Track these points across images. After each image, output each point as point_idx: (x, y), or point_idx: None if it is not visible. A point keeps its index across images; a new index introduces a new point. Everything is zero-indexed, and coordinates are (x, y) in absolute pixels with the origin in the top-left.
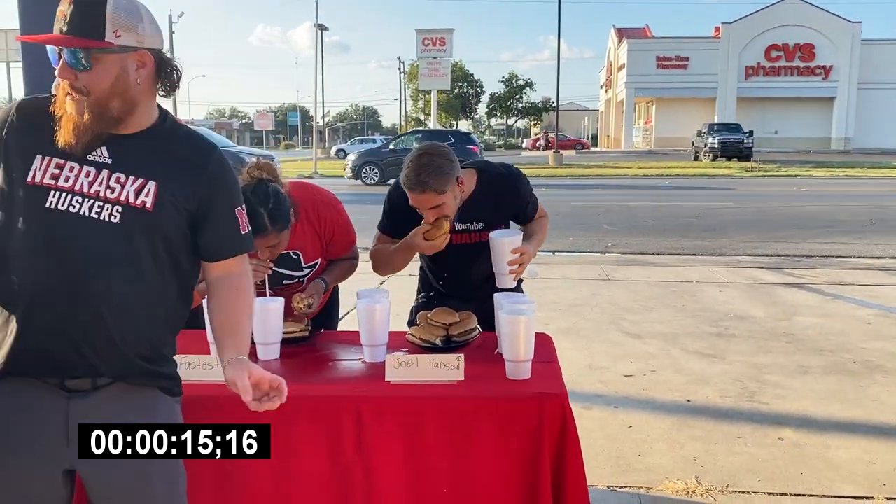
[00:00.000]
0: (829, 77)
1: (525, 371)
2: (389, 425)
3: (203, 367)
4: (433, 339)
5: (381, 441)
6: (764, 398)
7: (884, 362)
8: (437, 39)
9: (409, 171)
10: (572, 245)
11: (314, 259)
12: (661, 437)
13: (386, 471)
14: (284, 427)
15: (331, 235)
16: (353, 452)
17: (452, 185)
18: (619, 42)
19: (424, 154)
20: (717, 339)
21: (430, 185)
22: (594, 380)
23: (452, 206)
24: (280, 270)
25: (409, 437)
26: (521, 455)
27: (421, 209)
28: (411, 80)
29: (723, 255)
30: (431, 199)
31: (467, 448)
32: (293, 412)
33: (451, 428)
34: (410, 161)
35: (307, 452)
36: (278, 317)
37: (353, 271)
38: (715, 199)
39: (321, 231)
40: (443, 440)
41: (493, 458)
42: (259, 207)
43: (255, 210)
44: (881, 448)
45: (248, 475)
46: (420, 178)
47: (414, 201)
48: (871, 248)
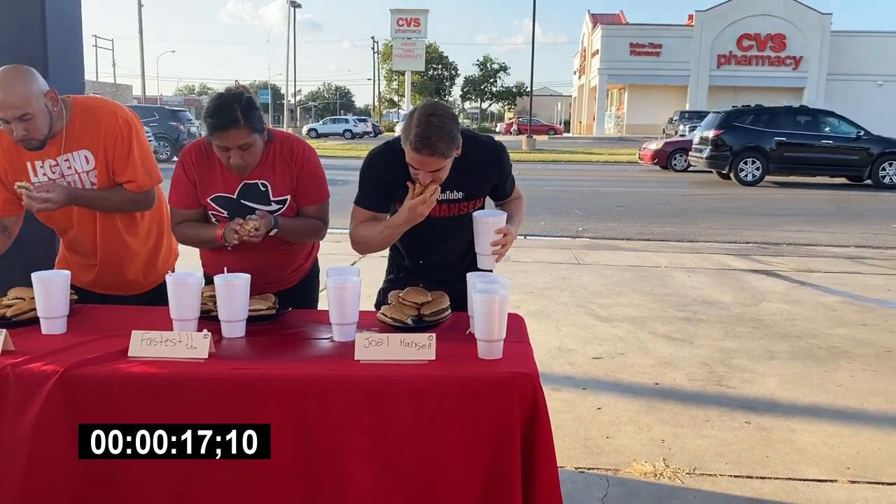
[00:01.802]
0: (798, 67)
1: (497, 351)
2: (359, 405)
3: (164, 343)
4: (404, 319)
5: (350, 421)
6: (731, 382)
7: (849, 348)
8: (412, 20)
9: (420, 132)
10: (544, 229)
11: (283, 194)
12: (630, 420)
13: (354, 451)
14: (250, 407)
15: (301, 174)
16: (321, 433)
17: (455, 150)
18: (593, 28)
19: (434, 115)
20: (685, 324)
21: (439, 148)
22: (563, 362)
23: (447, 171)
24: (247, 203)
25: (379, 417)
26: (492, 435)
27: (419, 171)
28: (385, 60)
29: (692, 242)
30: (436, 162)
31: (437, 428)
32: (259, 391)
33: (422, 407)
34: (419, 120)
35: (273, 433)
36: (244, 293)
37: (319, 235)
38: (685, 186)
39: (292, 166)
40: (413, 420)
41: (463, 438)
42: (233, 102)
43: (230, 104)
44: (845, 432)
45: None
46: (431, 140)
47: (416, 161)
48: (837, 236)
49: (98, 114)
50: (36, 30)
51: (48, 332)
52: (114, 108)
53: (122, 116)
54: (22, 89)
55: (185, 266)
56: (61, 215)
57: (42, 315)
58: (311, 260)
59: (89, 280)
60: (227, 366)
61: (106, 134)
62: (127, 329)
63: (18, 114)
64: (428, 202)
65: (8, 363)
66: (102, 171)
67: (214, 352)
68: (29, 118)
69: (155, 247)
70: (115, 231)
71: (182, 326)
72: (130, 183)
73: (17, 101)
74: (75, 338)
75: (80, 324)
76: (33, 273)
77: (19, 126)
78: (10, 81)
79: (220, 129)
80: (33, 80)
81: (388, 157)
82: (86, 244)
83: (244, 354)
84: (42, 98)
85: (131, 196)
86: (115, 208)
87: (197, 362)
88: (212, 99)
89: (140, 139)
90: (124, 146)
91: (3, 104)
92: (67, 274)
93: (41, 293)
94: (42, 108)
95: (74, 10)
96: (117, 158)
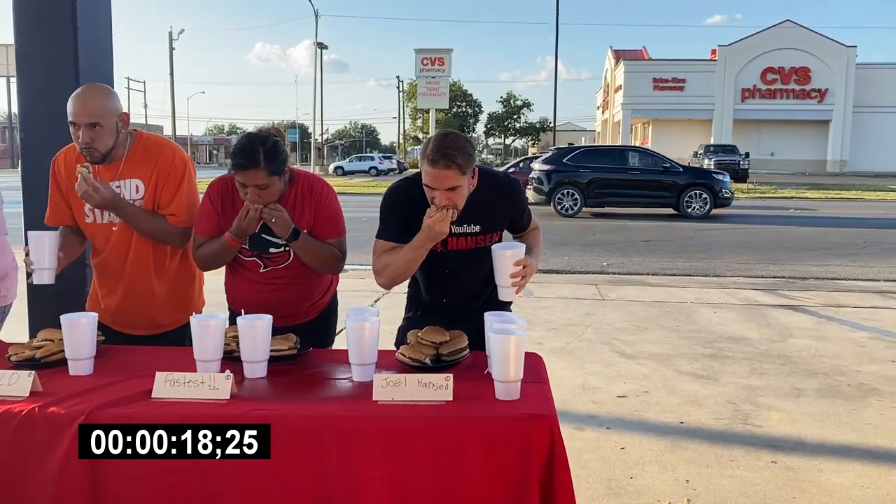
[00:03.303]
0: (824, 100)
1: (514, 392)
2: (376, 446)
3: (188, 384)
4: (423, 359)
5: (367, 462)
6: (757, 420)
7: (878, 385)
8: (436, 59)
9: (435, 146)
10: (567, 264)
11: (301, 228)
12: (654, 460)
13: (372, 492)
14: (269, 446)
15: (318, 209)
16: (339, 473)
17: (471, 171)
18: (615, 63)
19: (450, 133)
20: (711, 361)
21: (455, 160)
22: (587, 400)
23: (464, 196)
24: (267, 237)
25: (396, 458)
26: (510, 477)
27: (436, 188)
28: (410, 98)
29: (718, 276)
30: (452, 177)
31: (455, 469)
32: (279, 431)
33: (439, 449)
34: (435, 138)
35: (292, 473)
36: (266, 334)
37: (335, 267)
38: (711, 220)
39: (311, 202)
40: (430, 461)
41: (480, 480)
42: (258, 145)
43: (253, 146)
44: (875, 472)
45: (232, 495)
46: (447, 152)
47: (433, 178)
48: (865, 270)
49: (159, 148)
50: (69, 82)
51: (75, 373)
52: (175, 147)
53: (180, 155)
54: (101, 101)
55: (213, 301)
56: (101, 234)
57: (70, 357)
58: (329, 296)
59: (114, 307)
60: (249, 406)
61: (161, 167)
62: (152, 370)
63: (91, 121)
64: (446, 218)
65: (36, 405)
66: (149, 201)
67: (236, 392)
68: (98, 128)
69: (180, 291)
70: (145, 268)
71: (205, 367)
72: (173, 217)
73: (93, 110)
74: (101, 379)
75: (106, 364)
76: (62, 315)
77: (87, 133)
78: (91, 92)
79: (241, 168)
80: (112, 98)
81: (407, 191)
82: (113, 270)
83: (265, 395)
84: (115, 116)
85: (169, 228)
86: (149, 232)
87: (219, 403)
88: (240, 138)
89: (191, 181)
90: (175, 181)
91: (79, 110)
92: (94, 316)
93: (69, 335)
94: (112, 125)
95: (107, 65)
96: (166, 191)
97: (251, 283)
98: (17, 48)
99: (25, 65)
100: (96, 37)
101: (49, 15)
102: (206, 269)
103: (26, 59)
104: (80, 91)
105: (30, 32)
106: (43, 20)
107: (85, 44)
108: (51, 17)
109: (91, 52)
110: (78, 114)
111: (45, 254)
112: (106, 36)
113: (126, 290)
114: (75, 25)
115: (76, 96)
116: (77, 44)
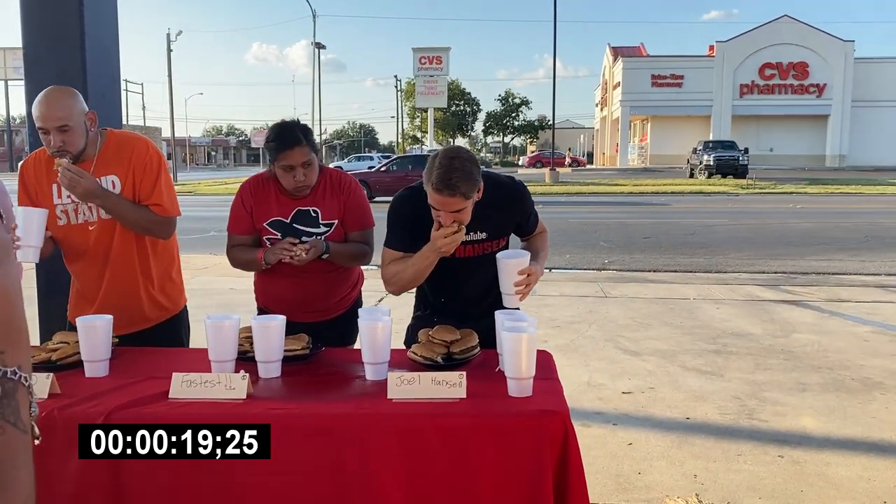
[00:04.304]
0: (822, 95)
1: (527, 388)
2: (391, 443)
3: (204, 384)
4: (434, 357)
5: (383, 459)
6: (763, 415)
7: (882, 379)
8: (434, 58)
9: (440, 173)
10: (569, 262)
11: (331, 218)
12: (661, 455)
13: (387, 489)
14: (285, 445)
15: (348, 202)
16: (355, 471)
17: (476, 192)
18: (614, 60)
19: (456, 158)
20: (715, 356)
21: (460, 189)
22: (593, 397)
23: (469, 212)
24: (299, 227)
25: (411, 455)
26: (524, 473)
27: (441, 212)
28: (408, 97)
29: (720, 273)
30: (457, 203)
31: (470, 466)
32: (294, 430)
33: (454, 446)
34: (440, 163)
35: (308, 471)
36: (279, 335)
37: (365, 260)
38: (711, 216)
39: (340, 196)
40: (445, 458)
41: (495, 476)
42: (293, 127)
43: (290, 128)
44: (881, 465)
45: (249, 494)
46: (452, 181)
47: (438, 203)
48: (867, 265)
49: (130, 144)
50: (77, 84)
51: (91, 375)
52: (146, 141)
53: (152, 149)
54: (67, 103)
55: (227, 301)
56: (76, 237)
57: (86, 359)
58: (357, 291)
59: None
60: (265, 406)
61: (136, 162)
62: (167, 371)
63: (59, 125)
64: (454, 239)
65: (55, 406)
66: (128, 196)
67: (252, 392)
68: (67, 130)
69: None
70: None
71: (220, 368)
72: (157, 206)
73: (60, 113)
74: (117, 380)
75: (121, 366)
76: (77, 318)
77: (57, 137)
78: (55, 96)
79: (286, 148)
80: (76, 99)
81: (412, 203)
82: (94, 275)
83: (281, 394)
84: (82, 116)
85: (154, 217)
86: (136, 220)
87: (235, 402)
88: (272, 128)
89: (166, 172)
90: (153, 173)
91: (46, 115)
92: (110, 318)
93: (85, 337)
94: (81, 125)
95: (114, 69)
96: (145, 184)
97: (280, 279)
98: (24, 51)
99: (33, 68)
100: (103, 39)
101: (56, 18)
102: (237, 268)
103: (34, 62)
104: (43, 96)
105: (37, 35)
106: (50, 23)
107: (92, 46)
108: (58, 21)
109: (98, 55)
110: (46, 118)
111: (33, 230)
112: (112, 38)
113: (108, 290)
114: (83, 28)
115: (41, 102)
116: (84, 46)
